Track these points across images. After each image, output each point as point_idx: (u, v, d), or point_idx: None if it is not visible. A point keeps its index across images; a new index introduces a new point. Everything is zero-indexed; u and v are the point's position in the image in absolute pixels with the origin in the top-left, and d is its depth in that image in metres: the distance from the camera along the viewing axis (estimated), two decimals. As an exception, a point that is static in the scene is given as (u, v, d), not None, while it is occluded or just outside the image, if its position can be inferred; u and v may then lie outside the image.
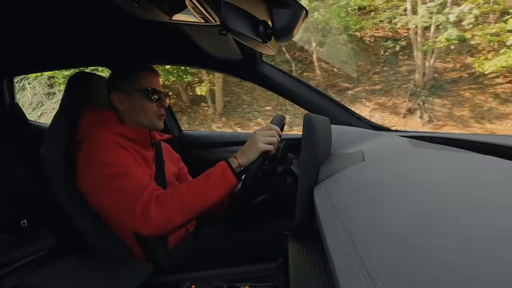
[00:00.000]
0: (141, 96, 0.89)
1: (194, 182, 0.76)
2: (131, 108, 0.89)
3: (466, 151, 0.59)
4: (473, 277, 0.19)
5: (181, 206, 0.72)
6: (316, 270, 0.37)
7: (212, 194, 0.74)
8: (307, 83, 1.27)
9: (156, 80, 0.92)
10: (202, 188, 0.75)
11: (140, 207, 0.71)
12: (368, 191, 0.41)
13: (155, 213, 0.71)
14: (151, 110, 0.90)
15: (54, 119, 0.88)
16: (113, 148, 0.79)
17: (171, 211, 0.72)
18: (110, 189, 0.74)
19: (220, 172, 0.76)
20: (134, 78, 0.89)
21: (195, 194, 0.74)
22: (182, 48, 1.18)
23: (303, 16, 0.65)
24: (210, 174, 0.77)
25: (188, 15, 0.76)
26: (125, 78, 0.90)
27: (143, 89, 0.88)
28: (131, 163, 0.79)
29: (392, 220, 0.29)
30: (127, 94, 0.89)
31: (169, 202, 0.72)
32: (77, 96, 0.92)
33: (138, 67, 0.91)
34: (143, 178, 0.77)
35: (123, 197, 0.73)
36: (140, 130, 0.89)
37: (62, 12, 0.86)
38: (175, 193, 0.74)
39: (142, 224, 0.71)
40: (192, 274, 0.75)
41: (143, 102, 0.89)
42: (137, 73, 0.90)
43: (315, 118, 0.56)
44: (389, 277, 0.21)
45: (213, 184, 0.75)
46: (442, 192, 0.34)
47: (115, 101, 0.90)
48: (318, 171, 0.55)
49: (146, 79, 0.90)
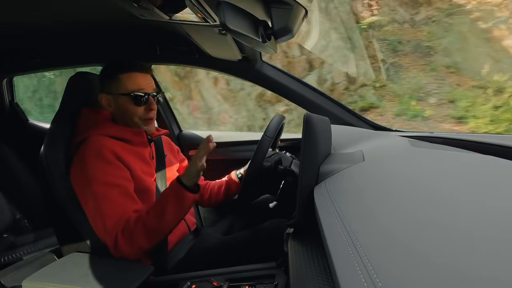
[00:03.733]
0: (126, 100, 0.85)
1: (153, 207, 0.78)
2: (118, 111, 0.88)
3: (466, 151, 0.59)
4: (473, 276, 0.19)
5: (146, 233, 0.75)
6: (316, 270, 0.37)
7: (170, 214, 0.77)
8: (307, 83, 1.27)
9: (143, 80, 0.87)
10: (161, 211, 0.77)
11: (110, 241, 0.75)
12: (368, 191, 0.41)
13: (125, 247, 0.75)
14: (137, 115, 0.87)
15: (54, 119, 0.88)
16: (108, 162, 0.79)
17: (139, 240, 0.75)
18: (92, 207, 0.77)
19: (173, 192, 0.79)
20: (119, 80, 0.85)
21: (155, 219, 0.76)
22: (182, 48, 1.17)
23: (303, 16, 0.65)
24: (164, 196, 0.80)
25: (188, 15, 0.76)
26: (110, 79, 0.86)
27: (127, 94, 0.85)
28: (121, 183, 0.79)
29: (392, 220, 0.29)
30: (114, 96, 0.87)
31: (134, 232, 0.75)
32: (77, 96, 0.92)
33: (123, 67, 0.86)
34: (123, 206, 0.78)
35: (101, 220, 0.76)
36: (134, 130, 0.88)
37: (62, 12, 0.86)
38: (139, 222, 0.76)
39: (114, 252, 0.76)
40: (192, 274, 0.75)
41: (129, 106, 0.86)
42: (122, 74, 0.85)
43: (315, 118, 0.56)
44: (389, 277, 0.21)
45: (170, 204, 0.77)
46: (442, 192, 0.34)
47: (103, 102, 0.87)
48: (318, 171, 0.55)
49: (132, 80, 0.85)
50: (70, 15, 0.89)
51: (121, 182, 0.79)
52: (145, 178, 0.86)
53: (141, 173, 0.86)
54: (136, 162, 0.86)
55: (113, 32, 1.06)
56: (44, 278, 0.67)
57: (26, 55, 1.26)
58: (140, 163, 0.87)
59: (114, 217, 0.75)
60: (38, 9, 0.83)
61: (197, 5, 0.63)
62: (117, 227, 0.75)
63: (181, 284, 0.64)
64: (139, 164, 0.86)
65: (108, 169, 0.78)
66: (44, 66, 1.42)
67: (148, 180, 0.88)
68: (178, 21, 0.80)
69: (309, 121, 0.54)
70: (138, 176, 0.84)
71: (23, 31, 1.01)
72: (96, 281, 0.66)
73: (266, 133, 0.92)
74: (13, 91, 1.68)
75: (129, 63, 0.86)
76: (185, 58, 1.26)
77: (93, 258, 0.77)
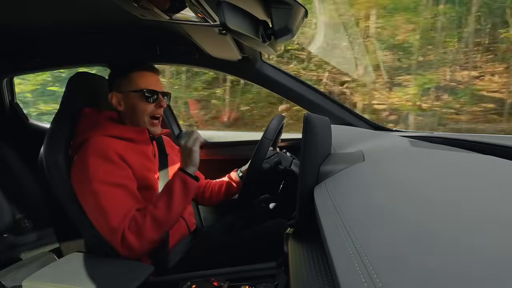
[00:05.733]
0: (137, 97, 0.88)
1: (158, 199, 0.79)
2: (128, 109, 0.89)
3: (466, 151, 0.59)
4: (473, 276, 0.19)
5: (156, 225, 0.76)
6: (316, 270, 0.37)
7: (178, 203, 0.79)
8: (307, 83, 1.27)
9: (153, 79, 0.91)
10: (169, 201, 0.78)
11: (118, 239, 0.75)
12: (368, 191, 0.41)
13: (133, 241, 0.75)
14: (146, 112, 0.89)
15: (55, 119, 0.88)
16: (110, 162, 0.79)
17: (147, 232, 0.75)
18: (95, 207, 0.76)
19: (179, 181, 0.81)
20: (131, 78, 0.88)
21: (164, 209, 0.77)
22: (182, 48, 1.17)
23: (303, 16, 0.65)
24: (169, 186, 0.81)
25: (188, 15, 0.76)
26: (121, 78, 0.89)
27: (139, 90, 0.87)
28: (124, 182, 0.80)
29: (392, 220, 0.29)
30: (124, 94, 0.88)
31: (141, 225, 0.75)
32: (77, 96, 0.92)
33: (135, 67, 0.89)
34: (127, 204, 0.78)
35: (105, 220, 0.75)
36: (137, 128, 0.89)
37: (62, 12, 0.86)
38: (146, 215, 0.77)
39: (123, 251, 0.76)
40: (192, 274, 0.75)
41: (140, 103, 0.88)
42: (134, 72, 0.88)
43: (315, 118, 0.56)
44: (390, 277, 0.21)
45: (177, 194, 0.79)
46: (442, 192, 0.34)
47: (114, 102, 0.89)
48: (318, 171, 0.55)
49: (142, 78, 0.88)
50: (70, 15, 0.89)
51: (124, 182, 0.79)
52: (148, 176, 0.87)
53: (145, 171, 0.86)
54: (139, 159, 0.86)
55: (113, 32, 1.06)
56: (44, 278, 0.67)
57: (26, 55, 1.26)
58: (143, 160, 0.88)
59: (118, 215, 0.75)
60: (38, 9, 0.83)
61: (197, 5, 0.63)
62: (122, 225, 0.75)
63: (181, 284, 0.64)
64: (142, 162, 0.87)
65: (110, 169, 0.78)
66: (44, 66, 1.42)
67: (151, 178, 0.88)
68: (178, 21, 0.80)
69: (309, 121, 0.54)
70: (141, 173, 0.84)
71: (23, 31, 1.01)
72: (96, 281, 0.66)
73: (265, 135, 0.91)
74: (13, 91, 1.67)
75: (140, 63, 0.91)
76: (185, 58, 1.26)
77: (93, 258, 0.77)
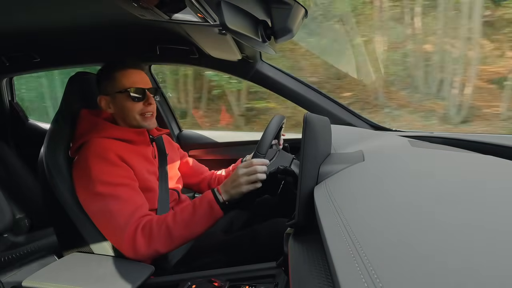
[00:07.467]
0: (124, 97, 0.86)
1: (180, 214, 0.77)
2: (118, 111, 0.88)
3: (466, 151, 0.59)
4: (473, 275, 0.19)
5: (167, 238, 0.75)
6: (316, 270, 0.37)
7: (198, 226, 0.77)
8: (307, 83, 1.27)
9: (138, 77, 0.88)
10: (189, 221, 0.76)
11: (128, 236, 0.73)
12: (368, 191, 0.41)
13: (142, 244, 0.73)
14: (135, 111, 0.87)
15: (55, 119, 0.88)
16: (112, 164, 0.78)
17: (158, 242, 0.74)
18: (100, 208, 0.75)
19: (207, 206, 0.77)
20: (115, 78, 0.86)
21: (181, 227, 0.76)
22: (182, 48, 1.17)
23: (303, 16, 0.65)
24: (196, 206, 0.78)
25: (188, 15, 0.76)
26: (106, 79, 0.88)
27: (124, 90, 0.86)
28: (127, 182, 0.79)
29: (393, 220, 0.29)
30: (112, 96, 0.87)
31: (155, 233, 0.74)
32: (77, 96, 0.92)
33: (117, 66, 0.87)
34: (133, 202, 0.77)
35: (111, 220, 0.74)
36: (136, 130, 0.89)
37: (62, 12, 0.86)
38: (162, 224, 0.75)
39: (128, 251, 0.74)
40: (192, 274, 0.75)
41: (127, 103, 0.86)
42: (117, 72, 0.87)
43: (315, 118, 0.56)
44: (390, 277, 0.21)
45: (199, 217, 0.77)
46: (443, 192, 0.34)
47: (103, 105, 0.88)
48: (318, 171, 0.55)
49: (126, 77, 0.87)
50: (70, 15, 0.89)
51: (126, 181, 0.79)
52: (149, 178, 0.86)
53: (145, 172, 0.86)
54: (139, 161, 0.86)
55: (113, 32, 1.06)
56: (44, 278, 0.67)
57: (26, 55, 1.26)
58: (144, 163, 0.87)
59: (125, 214, 0.74)
60: (38, 9, 0.83)
61: (197, 5, 0.63)
62: (131, 222, 0.74)
63: (181, 284, 0.64)
64: (143, 164, 0.87)
65: (112, 171, 0.78)
66: (44, 66, 1.42)
67: (152, 179, 0.88)
68: (178, 21, 0.80)
69: (309, 121, 0.54)
70: (142, 175, 0.84)
71: (23, 31, 1.01)
72: (96, 281, 0.66)
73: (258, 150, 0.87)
74: (13, 91, 1.68)
75: (122, 62, 0.88)
76: (185, 58, 1.27)
77: (93, 258, 0.77)
